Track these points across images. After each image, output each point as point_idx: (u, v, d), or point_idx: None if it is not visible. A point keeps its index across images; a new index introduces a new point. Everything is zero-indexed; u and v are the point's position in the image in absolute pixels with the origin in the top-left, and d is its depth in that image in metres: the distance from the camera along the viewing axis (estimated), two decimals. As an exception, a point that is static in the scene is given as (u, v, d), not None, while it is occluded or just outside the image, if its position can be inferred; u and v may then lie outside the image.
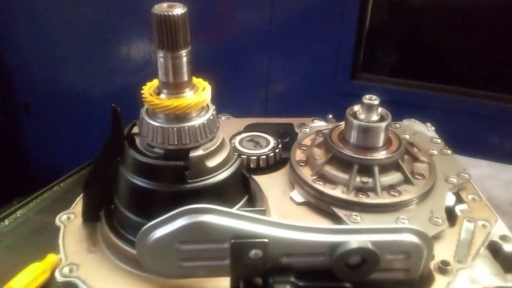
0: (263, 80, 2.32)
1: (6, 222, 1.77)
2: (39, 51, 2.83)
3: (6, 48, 2.92)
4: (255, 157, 1.16)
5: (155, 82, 0.87)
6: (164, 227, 0.75)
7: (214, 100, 0.91)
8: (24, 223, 1.79)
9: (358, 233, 0.78)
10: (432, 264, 0.88)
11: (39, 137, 3.08)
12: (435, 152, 1.20)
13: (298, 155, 1.15)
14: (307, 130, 1.29)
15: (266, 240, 0.76)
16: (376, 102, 1.03)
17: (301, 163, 1.12)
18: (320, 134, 1.20)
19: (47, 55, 2.81)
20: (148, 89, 0.86)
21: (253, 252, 0.77)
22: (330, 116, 1.38)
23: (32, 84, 2.94)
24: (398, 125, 1.33)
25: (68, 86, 2.84)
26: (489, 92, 1.99)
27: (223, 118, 1.39)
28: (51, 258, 1.59)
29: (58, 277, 0.87)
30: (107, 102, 0.89)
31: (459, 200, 1.08)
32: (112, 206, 0.95)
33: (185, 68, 0.82)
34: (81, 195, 1.01)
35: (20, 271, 1.50)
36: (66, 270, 0.88)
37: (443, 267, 0.88)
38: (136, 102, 1.00)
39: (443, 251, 0.93)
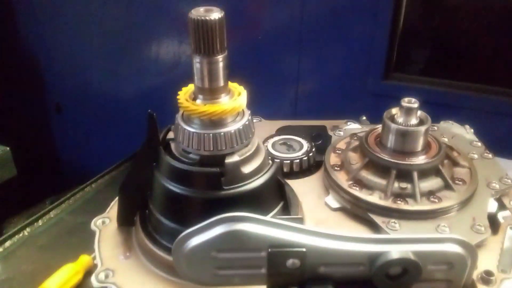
0: (293, 80, 2.30)
1: (40, 222, 1.80)
2: (70, 52, 2.88)
3: (37, 49, 2.98)
4: (289, 161, 1.14)
5: (190, 87, 0.86)
6: (201, 235, 0.75)
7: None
8: (57, 224, 1.82)
9: (399, 243, 0.76)
10: (475, 275, 0.85)
11: (71, 138, 3.14)
12: (476, 156, 1.16)
13: (333, 159, 1.13)
14: (341, 133, 1.27)
15: (303, 249, 0.75)
16: (416, 105, 1.00)
17: (336, 168, 1.09)
18: (355, 138, 1.17)
19: (78, 56, 2.86)
20: (184, 94, 0.85)
21: (290, 261, 0.76)
22: (364, 117, 1.35)
23: (63, 84, 2.99)
24: (436, 128, 1.29)
25: (99, 86, 2.88)
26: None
27: (254, 121, 1.37)
28: (84, 259, 1.61)
29: (95, 283, 0.87)
30: (137, 103, 0.89)
31: (502, 206, 1.04)
32: (147, 211, 0.95)
33: (221, 73, 0.81)
34: (116, 199, 1.01)
35: (54, 271, 1.53)
36: (102, 275, 0.88)
37: (487, 277, 0.85)
38: (166, 102, 1.00)
39: (485, 260, 0.89)
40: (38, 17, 2.89)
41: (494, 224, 0.99)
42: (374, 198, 0.99)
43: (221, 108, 0.81)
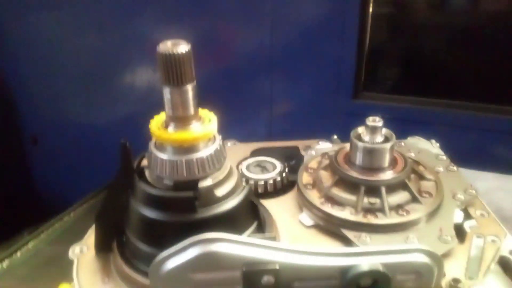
0: (266, 102, 2.35)
1: (18, 254, 1.79)
2: (44, 83, 2.89)
3: (12, 81, 2.98)
4: (263, 182, 1.17)
5: (162, 116, 0.89)
6: (176, 257, 0.77)
7: (219, 124, 0.93)
8: (36, 255, 1.81)
9: (368, 255, 0.79)
10: (444, 282, 0.89)
11: (48, 168, 3.12)
12: (441, 169, 1.21)
13: (305, 178, 1.16)
14: (313, 152, 1.30)
15: (277, 266, 0.78)
16: (380, 123, 1.05)
17: (308, 186, 1.13)
18: (326, 157, 1.21)
19: (52, 87, 2.87)
20: (156, 123, 0.88)
21: (265, 279, 0.78)
22: (335, 136, 1.40)
23: (39, 116, 2.99)
24: (402, 144, 1.34)
25: (75, 117, 2.89)
26: (491, 105, 2.00)
27: (229, 144, 1.41)
28: (63, 287, 1.60)
29: (74, 311, 0.87)
30: (113, 131, 0.91)
31: (468, 216, 1.08)
32: (124, 237, 0.96)
33: (191, 102, 0.84)
34: (93, 226, 1.02)
35: (33, 304, 1.52)
36: (81, 303, 0.88)
37: (455, 285, 0.88)
38: (142, 129, 1.02)
39: (453, 268, 0.93)
40: (11, 48, 2.89)
41: (460, 233, 1.03)
42: (345, 214, 1.03)
43: (192, 135, 0.84)
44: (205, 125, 0.87)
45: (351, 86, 2.11)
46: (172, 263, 0.77)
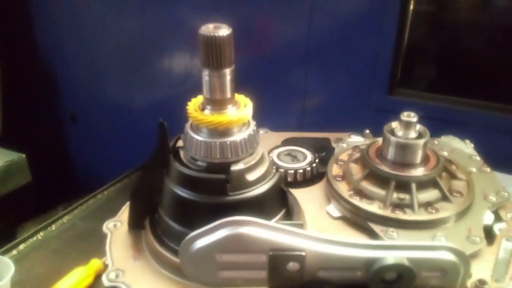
0: (300, 94, 2.35)
1: (53, 227, 1.86)
2: (85, 63, 2.97)
3: (54, 60, 3.07)
4: (293, 171, 1.19)
5: (199, 98, 0.91)
6: (206, 238, 0.79)
7: (252, 112, 0.95)
8: (69, 229, 1.87)
9: (394, 249, 0.80)
10: (469, 283, 0.88)
11: (85, 146, 3.22)
12: (474, 169, 1.19)
13: (335, 170, 1.17)
14: (344, 145, 1.31)
15: (303, 253, 0.79)
16: (415, 119, 1.04)
17: (337, 178, 1.14)
18: (357, 150, 1.21)
19: (93, 67, 2.94)
20: (193, 105, 0.90)
21: (290, 265, 0.80)
22: (367, 131, 1.39)
23: (78, 95, 3.08)
24: (436, 142, 1.33)
25: (113, 97, 2.96)
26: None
27: (261, 132, 1.43)
28: (94, 263, 1.66)
29: (105, 282, 0.91)
30: (149, 113, 0.94)
31: (498, 218, 1.07)
32: (156, 215, 1.00)
33: (228, 86, 0.86)
34: (127, 203, 1.06)
35: (65, 274, 1.58)
36: (112, 275, 0.92)
37: (480, 286, 0.88)
38: (177, 113, 1.05)
39: (480, 270, 0.93)
40: (56, 28, 2.98)
41: (490, 235, 1.02)
42: (374, 207, 1.03)
43: (227, 118, 0.86)
44: (241, 109, 0.89)
45: (387, 82, 2.08)
46: (201, 243, 0.79)
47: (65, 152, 3.30)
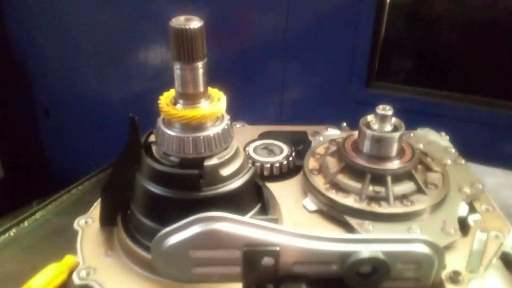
0: (277, 87, 2.34)
1: (26, 223, 1.81)
2: (59, 56, 2.90)
3: (27, 53, 3.00)
4: (269, 165, 1.18)
5: (171, 93, 0.89)
6: (178, 234, 0.77)
7: (229, 106, 0.93)
8: (43, 225, 1.83)
9: (369, 243, 0.79)
10: (444, 274, 0.89)
11: (59, 141, 3.15)
12: (449, 162, 1.20)
13: (312, 163, 1.16)
14: (321, 138, 1.30)
15: (277, 248, 0.78)
16: (390, 112, 1.04)
17: (314, 172, 1.13)
18: (334, 143, 1.21)
19: (67, 60, 2.88)
20: (165, 99, 0.88)
21: (265, 260, 0.79)
22: (344, 124, 1.39)
23: (52, 88, 3.01)
24: (412, 134, 1.33)
25: (87, 91, 2.90)
26: (504, 101, 1.98)
27: (237, 126, 1.41)
28: (68, 259, 1.62)
29: (76, 280, 0.89)
30: (125, 107, 0.92)
31: (472, 210, 1.08)
32: (128, 212, 0.98)
33: (201, 80, 0.84)
34: (99, 200, 1.03)
35: (38, 271, 1.55)
36: (83, 273, 0.90)
37: (455, 277, 0.88)
38: (153, 107, 1.03)
39: (455, 261, 0.93)
40: (28, 20, 2.90)
41: (464, 227, 1.03)
42: (350, 201, 1.03)
43: (200, 113, 0.84)
44: (214, 103, 0.87)
45: (364, 75, 2.09)
46: (174, 239, 0.78)
47: (39, 146, 3.23)
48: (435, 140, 1.31)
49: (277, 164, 1.18)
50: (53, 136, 3.16)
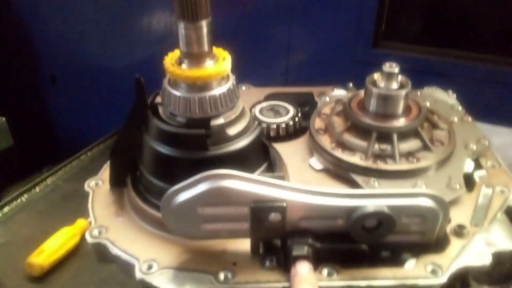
0: (283, 49, 2.31)
1: (37, 189, 1.86)
2: (63, 23, 2.87)
3: (32, 21, 2.97)
4: (275, 126, 1.18)
5: (176, 53, 0.89)
6: (187, 192, 0.79)
7: (235, 69, 0.93)
8: (54, 190, 1.88)
9: (374, 198, 0.81)
10: (448, 228, 0.90)
11: (66, 108, 3.16)
12: (456, 119, 1.20)
13: (318, 123, 1.17)
14: (327, 99, 1.30)
15: (284, 204, 0.80)
16: (396, 70, 1.03)
17: (320, 131, 1.13)
18: (340, 103, 1.21)
19: (71, 27, 2.85)
20: (170, 60, 0.88)
21: (272, 215, 0.80)
22: (351, 84, 1.38)
23: (57, 55, 2.99)
24: (418, 93, 1.33)
25: (92, 57, 2.89)
26: (510, 58, 1.94)
27: (243, 88, 1.41)
28: (80, 222, 1.67)
29: (88, 239, 0.91)
30: (130, 73, 0.92)
31: (478, 166, 1.08)
32: (137, 172, 0.99)
33: (205, 39, 0.84)
34: (108, 162, 1.05)
35: (51, 235, 1.59)
36: (95, 232, 0.92)
37: (459, 231, 0.90)
38: (158, 72, 1.03)
39: (460, 215, 0.94)
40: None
41: (470, 183, 1.04)
42: (356, 159, 1.04)
43: (205, 72, 0.84)
44: (219, 63, 0.87)
45: (371, 35, 2.05)
46: (182, 197, 0.79)
47: (46, 114, 3.25)
48: (442, 99, 1.31)
49: (283, 125, 1.19)
50: (60, 103, 3.17)
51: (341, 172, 1.05)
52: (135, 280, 0.85)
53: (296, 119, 1.21)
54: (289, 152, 1.13)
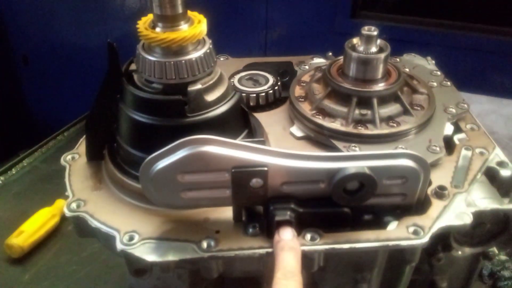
0: (262, 23, 2.28)
1: (13, 171, 1.82)
2: (34, 2, 2.78)
3: (1, 1, 2.86)
4: (254, 95, 1.16)
5: (150, 17, 0.86)
6: (166, 158, 0.77)
7: (214, 43, 0.90)
8: (31, 172, 1.84)
9: (355, 160, 0.80)
10: (429, 190, 0.91)
11: (40, 89, 3.08)
12: (435, 84, 1.20)
13: (297, 91, 1.15)
14: (307, 67, 1.29)
15: (265, 168, 0.78)
16: (375, 33, 1.02)
17: (300, 99, 1.12)
18: (319, 70, 1.19)
19: (42, 4, 2.76)
20: (143, 24, 0.85)
21: (253, 181, 0.79)
22: (330, 53, 1.37)
23: (28, 35, 2.91)
24: (398, 60, 1.32)
25: (65, 36, 2.81)
26: (490, 26, 1.96)
27: (221, 59, 1.38)
28: (60, 203, 1.64)
29: (67, 212, 0.89)
30: (104, 50, 0.88)
31: (458, 129, 1.09)
32: (114, 143, 0.97)
33: (179, 0, 0.81)
34: (85, 136, 1.02)
35: (30, 217, 1.56)
36: (74, 205, 0.90)
37: (440, 192, 0.90)
38: (135, 48, 0.99)
39: (440, 177, 0.95)
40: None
41: (450, 145, 1.04)
42: (336, 125, 1.03)
43: (181, 35, 0.82)
44: (194, 26, 0.84)
45: (349, 5, 2.04)
46: (161, 164, 0.77)
47: (20, 96, 3.16)
48: (421, 64, 1.31)
49: (263, 94, 1.17)
50: (34, 84, 3.09)
51: (322, 139, 1.04)
52: (116, 252, 0.83)
53: (276, 87, 1.19)
54: (270, 121, 1.12)
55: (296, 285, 0.73)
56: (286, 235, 0.80)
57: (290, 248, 0.78)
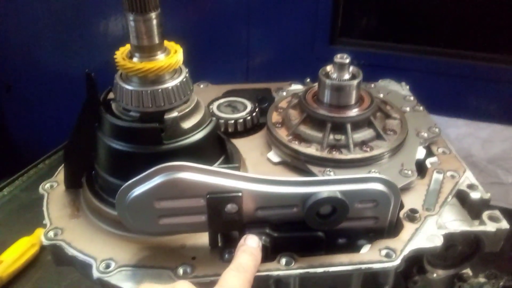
0: (243, 50, 2.33)
1: (-7, 200, 1.79)
2: (17, 29, 2.79)
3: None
4: (233, 121, 1.19)
5: (127, 47, 0.89)
6: (142, 185, 0.78)
7: (194, 70, 0.93)
8: (11, 200, 1.82)
9: (327, 184, 0.82)
10: (401, 213, 0.93)
11: (22, 116, 3.06)
12: (407, 109, 1.24)
13: (275, 117, 1.18)
14: (284, 93, 1.32)
15: (240, 194, 0.80)
16: (347, 60, 1.06)
17: (277, 125, 1.15)
18: (296, 96, 1.22)
19: (24, 32, 2.78)
20: (121, 54, 0.87)
21: (228, 206, 0.81)
22: (308, 80, 1.40)
23: (11, 63, 2.90)
24: (373, 85, 1.36)
25: (48, 64, 2.81)
26: (465, 51, 2.02)
27: (201, 86, 1.41)
28: (39, 232, 1.62)
29: (44, 241, 0.89)
30: (87, 78, 0.90)
31: (430, 153, 1.12)
32: (93, 171, 0.98)
33: (155, 31, 0.83)
34: (63, 165, 1.03)
35: (9, 246, 1.54)
36: (51, 234, 0.90)
37: (412, 215, 0.92)
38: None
39: (412, 201, 0.97)
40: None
41: (422, 169, 1.07)
42: (312, 150, 1.05)
43: (157, 65, 0.84)
44: (171, 56, 0.87)
45: (328, 32, 2.10)
46: (137, 191, 0.79)
47: (2, 123, 3.14)
48: (395, 90, 1.35)
49: (241, 120, 1.19)
50: (16, 112, 3.07)
51: (298, 164, 1.07)
52: (93, 280, 0.83)
53: (254, 114, 1.22)
54: (248, 147, 1.14)
55: (244, 280, 0.73)
56: (251, 242, 0.81)
57: (251, 253, 0.79)
